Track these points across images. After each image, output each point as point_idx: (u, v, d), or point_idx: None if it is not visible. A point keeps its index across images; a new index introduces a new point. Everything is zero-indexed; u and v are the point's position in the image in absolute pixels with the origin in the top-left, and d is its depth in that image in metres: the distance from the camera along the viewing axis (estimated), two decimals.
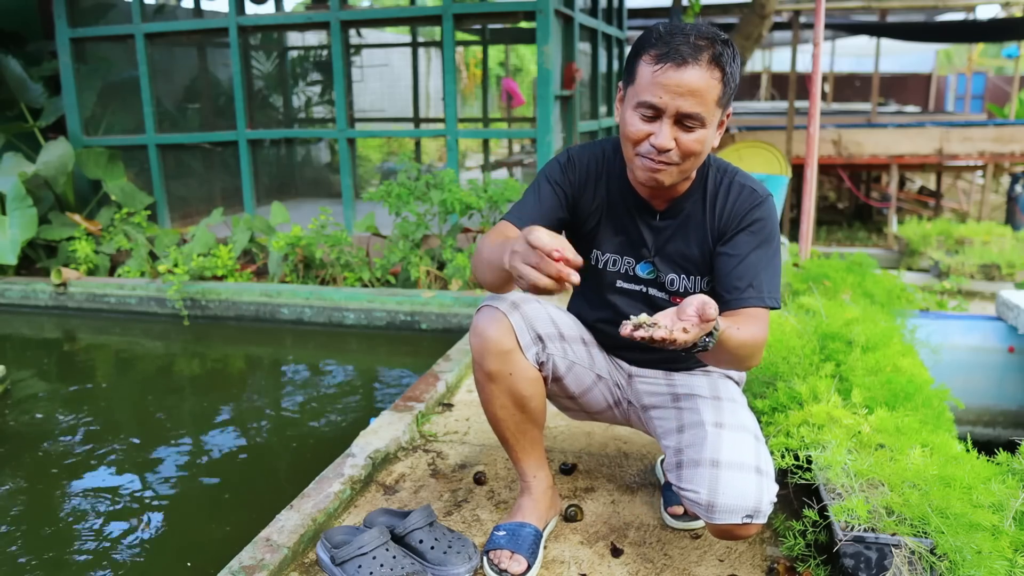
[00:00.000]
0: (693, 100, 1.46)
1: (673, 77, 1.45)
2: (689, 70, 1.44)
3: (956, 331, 3.35)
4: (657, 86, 1.46)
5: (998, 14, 9.83)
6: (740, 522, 1.50)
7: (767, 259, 1.60)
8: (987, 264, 4.52)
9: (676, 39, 1.46)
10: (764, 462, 1.56)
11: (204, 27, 5.95)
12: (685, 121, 1.48)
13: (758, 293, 1.56)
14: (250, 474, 2.80)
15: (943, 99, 17.76)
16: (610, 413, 1.91)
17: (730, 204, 1.63)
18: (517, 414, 1.74)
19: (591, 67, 6.09)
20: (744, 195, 1.63)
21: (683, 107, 1.46)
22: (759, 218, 1.61)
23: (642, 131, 1.51)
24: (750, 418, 1.69)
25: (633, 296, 1.76)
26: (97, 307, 4.90)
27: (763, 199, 1.63)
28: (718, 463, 1.53)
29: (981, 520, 1.45)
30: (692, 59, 1.44)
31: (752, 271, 1.58)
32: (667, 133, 1.49)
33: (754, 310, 1.55)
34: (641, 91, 1.49)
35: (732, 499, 1.49)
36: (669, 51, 1.45)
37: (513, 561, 1.68)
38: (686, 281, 1.70)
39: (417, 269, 4.55)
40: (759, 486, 1.51)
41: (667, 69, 1.45)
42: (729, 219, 1.63)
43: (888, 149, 7.80)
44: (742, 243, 1.60)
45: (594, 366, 1.83)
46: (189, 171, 6.16)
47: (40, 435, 3.19)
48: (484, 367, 1.69)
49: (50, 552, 2.29)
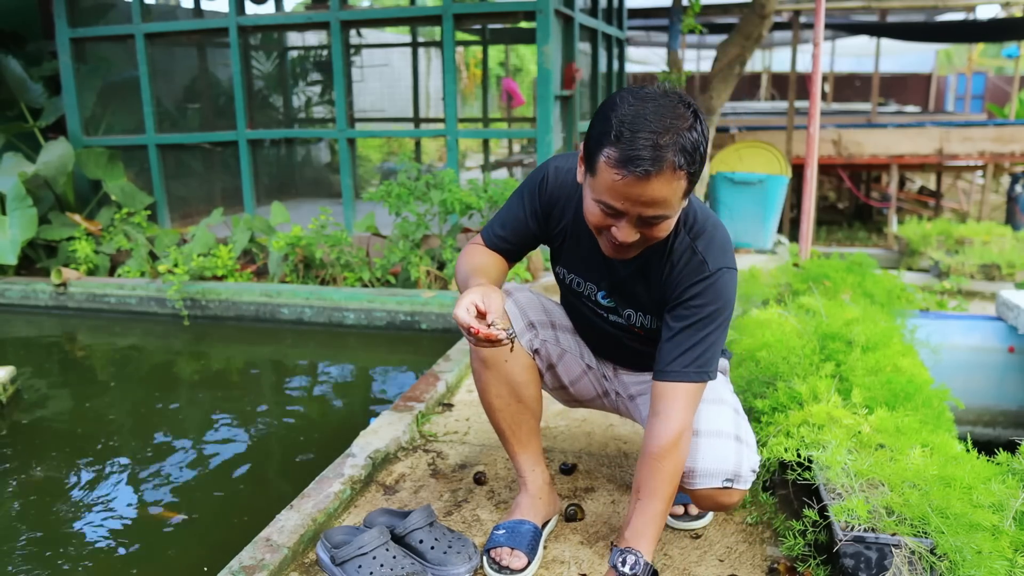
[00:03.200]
0: (656, 207, 1.38)
1: (635, 189, 1.34)
2: (652, 183, 1.33)
3: (956, 331, 3.35)
4: (618, 194, 1.37)
5: (998, 14, 9.83)
6: (720, 486, 1.57)
7: (703, 335, 1.54)
8: (987, 264, 4.53)
9: (638, 140, 1.31)
10: (744, 432, 1.63)
11: (204, 27, 5.94)
12: (649, 220, 1.41)
13: (682, 368, 1.53)
14: (250, 474, 2.80)
15: (943, 99, 17.75)
16: (600, 402, 1.97)
17: (677, 271, 1.56)
18: (513, 403, 1.77)
19: (591, 67, 6.09)
20: (692, 266, 1.55)
21: (645, 213, 1.39)
22: (702, 292, 1.54)
23: (603, 222, 1.45)
24: (730, 393, 1.75)
25: (598, 316, 1.78)
26: (97, 307, 4.90)
27: (710, 273, 1.54)
28: (698, 432, 1.60)
29: (981, 520, 1.45)
30: (656, 170, 1.32)
31: (682, 346, 1.54)
32: (629, 231, 1.42)
33: (675, 389, 1.53)
34: (600, 191, 1.40)
35: (711, 463, 1.57)
36: (631, 158, 1.32)
37: (513, 557, 1.69)
38: (643, 318, 1.70)
39: (417, 269, 4.55)
40: (738, 452, 1.58)
41: (629, 181, 1.33)
42: (675, 286, 1.57)
43: (888, 149, 7.80)
44: (680, 316, 1.56)
45: (583, 356, 1.89)
46: (189, 171, 6.16)
47: (39, 435, 3.19)
48: (479, 353, 1.72)
49: (50, 552, 2.29)
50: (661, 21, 9.41)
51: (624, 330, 1.76)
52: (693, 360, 1.53)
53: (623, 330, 1.77)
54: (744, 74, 9.24)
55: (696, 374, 1.53)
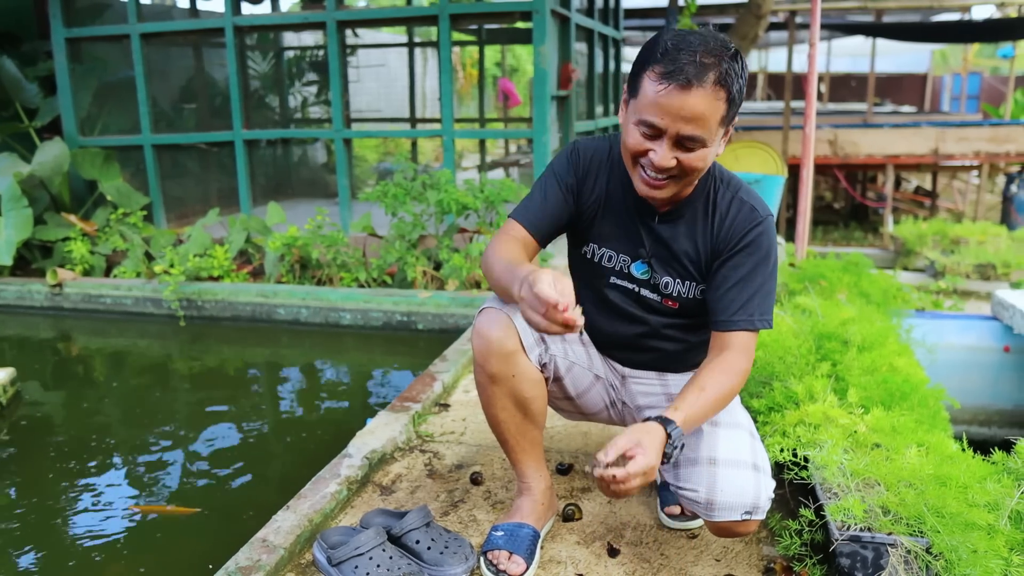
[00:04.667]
0: (695, 124, 1.43)
1: (676, 100, 1.40)
2: (693, 94, 1.39)
3: (952, 331, 3.35)
4: (659, 107, 1.43)
5: (993, 14, 9.87)
6: (740, 519, 1.52)
7: (761, 280, 1.58)
8: (983, 264, 4.54)
9: (682, 56, 1.39)
10: (760, 458, 1.58)
11: (200, 27, 5.94)
12: (686, 142, 1.46)
13: (747, 316, 1.56)
14: (246, 474, 2.80)
15: (939, 99, 17.79)
16: (605, 414, 1.92)
17: (730, 221, 1.61)
18: (518, 416, 1.73)
19: (587, 67, 6.09)
20: (744, 213, 1.61)
21: (684, 131, 1.43)
22: (757, 239, 1.59)
23: (642, 146, 1.49)
24: (744, 416, 1.70)
25: (626, 294, 1.75)
26: (93, 308, 4.89)
27: (763, 219, 1.60)
28: (715, 461, 1.54)
29: (977, 519, 1.45)
30: (697, 81, 1.39)
31: (744, 294, 1.57)
32: (667, 153, 1.47)
33: (738, 337, 1.56)
34: (643, 108, 1.46)
35: (731, 496, 1.51)
36: (674, 71, 1.39)
37: (512, 562, 1.67)
38: (680, 286, 1.69)
39: (413, 269, 4.55)
40: (757, 482, 1.53)
41: (671, 91, 1.40)
42: (729, 236, 1.61)
43: (884, 149, 7.81)
44: (738, 263, 1.59)
45: (592, 366, 1.83)
46: (185, 171, 6.15)
47: (40, 436, 3.18)
48: (487, 369, 1.67)
49: (49, 551, 2.28)
50: (657, 21, 9.43)
51: (652, 310, 1.73)
52: (757, 307, 1.56)
53: (651, 310, 1.73)
54: None
55: (760, 321, 1.56)
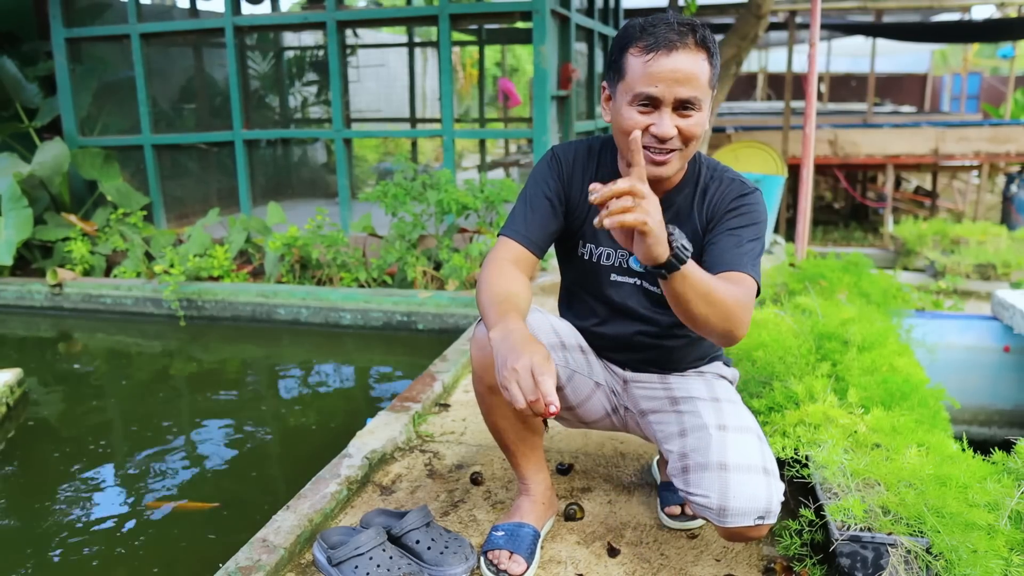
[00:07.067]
0: (689, 85, 1.47)
1: (666, 64, 1.46)
2: (679, 55, 1.46)
3: (952, 331, 3.35)
4: (651, 76, 1.47)
5: (993, 15, 9.86)
6: (752, 524, 1.50)
7: (751, 236, 1.59)
8: (983, 264, 4.54)
9: (659, 28, 1.48)
10: (770, 462, 1.57)
11: (200, 27, 5.94)
12: (683, 107, 1.49)
13: (741, 260, 1.55)
14: (247, 474, 2.80)
15: (939, 99, 17.79)
16: (607, 421, 1.90)
17: (719, 193, 1.65)
18: (518, 424, 1.73)
19: (587, 67, 6.09)
20: (734, 186, 1.65)
21: (680, 93, 1.47)
22: (747, 203, 1.62)
23: (641, 123, 1.50)
24: (751, 418, 1.69)
25: (627, 289, 1.75)
26: (93, 308, 4.89)
27: (752, 190, 1.64)
28: (726, 466, 1.52)
29: (977, 519, 1.45)
30: (680, 43, 1.46)
31: (736, 243, 1.57)
32: (668, 121, 1.49)
33: (738, 274, 1.54)
34: (634, 84, 1.50)
35: (744, 502, 1.49)
36: (656, 40, 1.47)
37: (512, 562, 1.67)
38: None
39: (413, 269, 4.55)
40: (768, 486, 1.51)
41: (658, 57, 1.46)
42: (718, 205, 1.64)
43: (884, 149, 7.82)
44: (729, 222, 1.61)
45: (592, 373, 1.82)
46: (185, 171, 6.15)
47: (47, 436, 3.18)
48: (486, 380, 1.66)
49: (48, 551, 2.28)
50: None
51: (655, 303, 1.72)
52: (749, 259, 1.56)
53: (654, 303, 1.72)
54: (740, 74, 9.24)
55: (752, 269, 1.55)
